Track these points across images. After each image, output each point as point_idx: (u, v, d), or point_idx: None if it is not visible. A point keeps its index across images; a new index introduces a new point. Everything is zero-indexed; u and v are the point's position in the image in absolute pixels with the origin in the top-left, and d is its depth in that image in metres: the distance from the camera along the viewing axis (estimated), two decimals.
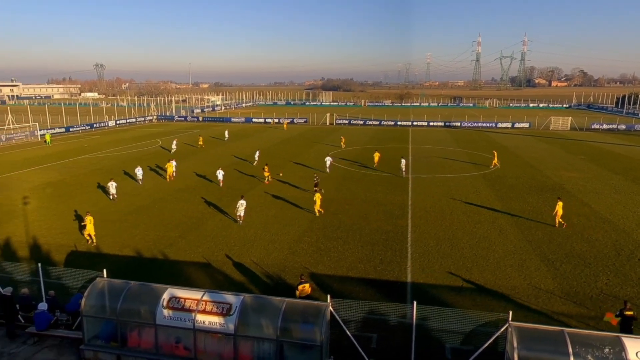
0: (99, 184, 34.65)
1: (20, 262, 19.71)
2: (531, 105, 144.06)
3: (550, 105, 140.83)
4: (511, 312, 11.97)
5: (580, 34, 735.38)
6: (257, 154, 43.83)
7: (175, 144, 51.15)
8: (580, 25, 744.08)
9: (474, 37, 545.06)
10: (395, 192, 32.24)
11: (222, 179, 33.94)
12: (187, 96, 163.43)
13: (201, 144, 55.10)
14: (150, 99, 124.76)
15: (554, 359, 10.70)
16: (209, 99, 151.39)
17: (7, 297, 14.51)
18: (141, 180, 34.57)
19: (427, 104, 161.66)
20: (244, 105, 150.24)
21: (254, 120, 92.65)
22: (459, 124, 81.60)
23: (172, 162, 37.13)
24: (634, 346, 10.46)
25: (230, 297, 12.72)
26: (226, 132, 63.80)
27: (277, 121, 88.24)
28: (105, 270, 14.31)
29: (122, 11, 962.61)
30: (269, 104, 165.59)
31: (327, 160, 39.80)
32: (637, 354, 10.31)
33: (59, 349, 14.06)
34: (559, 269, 19.27)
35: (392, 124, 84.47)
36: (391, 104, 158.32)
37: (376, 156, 41.39)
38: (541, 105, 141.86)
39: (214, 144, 58.19)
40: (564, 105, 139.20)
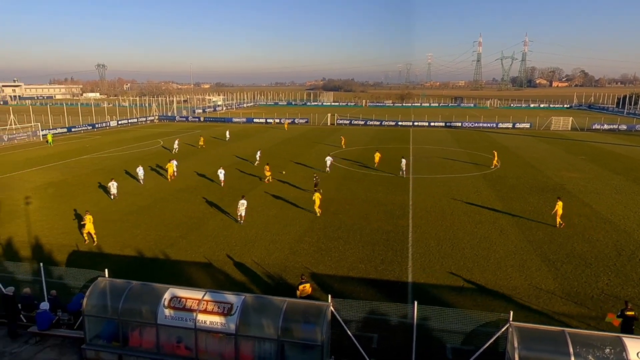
0: (100, 184, 34.72)
1: (22, 262, 19.81)
2: (532, 105, 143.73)
3: (551, 105, 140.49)
4: (512, 312, 11.98)
5: (581, 34, 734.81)
6: (259, 154, 43.93)
7: (177, 144, 51.35)
8: (581, 25, 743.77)
9: (475, 38, 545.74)
10: (396, 192, 32.26)
11: (223, 178, 34.00)
12: (188, 96, 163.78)
13: (202, 144, 55.17)
14: (151, 99, 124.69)
15: (555, 359, 10.71)
16: (210, 99, 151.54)
17: (9, 296, 14.54)
18: (142, 180, 34.69)
19: (428, 104, 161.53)
20: (245, 105, 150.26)
21: (255, 120, 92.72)
22: (460, 124, 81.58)
23: (173, 162, 37.21)
24: (635, 346, 10.46)
25: (231, 297, 12.74)
26: (227, 132, 63.92)
27: (278, 121, 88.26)
28: (106, 270, 14.33)
29: (124, 12, 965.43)
30: (270, 104, 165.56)
31: (328, 159, 39.88)
32: (638, 354, 10.32)
33: (61, 348, 14.10)
34: (559, 269, 19.28)
35: (393, 124, 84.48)
36: (392, 105, 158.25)
37: (377, 156, 41.39)
38: (542, 105, 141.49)
39: (215, 144, 58.26)
40: (565, 105, 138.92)
